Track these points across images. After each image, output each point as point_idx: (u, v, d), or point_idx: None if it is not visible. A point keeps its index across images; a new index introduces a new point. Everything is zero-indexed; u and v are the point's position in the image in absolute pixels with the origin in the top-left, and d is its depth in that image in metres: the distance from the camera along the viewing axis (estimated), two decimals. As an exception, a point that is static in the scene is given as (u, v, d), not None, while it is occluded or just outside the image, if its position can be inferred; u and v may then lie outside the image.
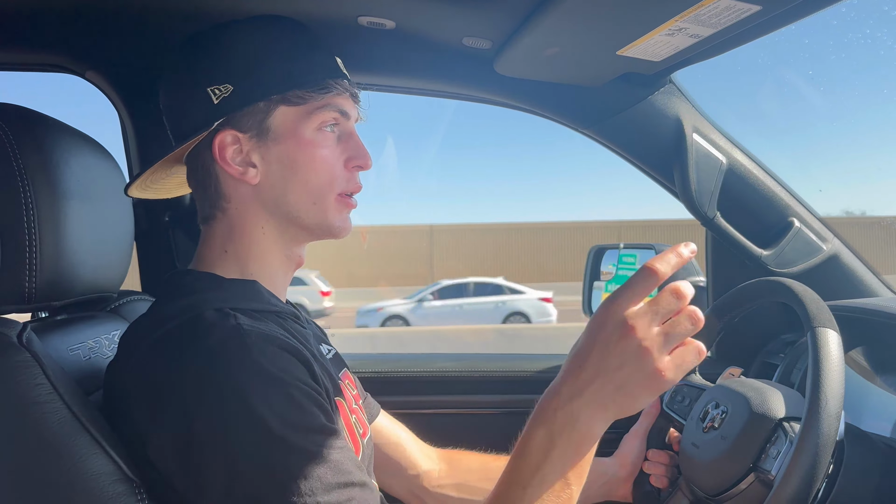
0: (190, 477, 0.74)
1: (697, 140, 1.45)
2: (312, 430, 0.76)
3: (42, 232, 0.84)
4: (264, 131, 0.92)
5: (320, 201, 0.94)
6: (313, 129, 0.93)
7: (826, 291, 1.16)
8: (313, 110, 0.92)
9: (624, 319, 0.72)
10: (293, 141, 0.92)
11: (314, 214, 0.95)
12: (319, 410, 0.78)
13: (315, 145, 0.93)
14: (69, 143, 0.94)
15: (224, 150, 0.91)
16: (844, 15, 8.26)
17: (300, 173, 0.93)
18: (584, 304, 2.01)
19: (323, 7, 1.18)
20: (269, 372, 0.76)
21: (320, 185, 0.94)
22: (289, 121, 0.92)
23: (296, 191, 0.93)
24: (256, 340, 0.78)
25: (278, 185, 0.93)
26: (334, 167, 0.95)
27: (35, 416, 0.73)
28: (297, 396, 0.77)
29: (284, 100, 0.91)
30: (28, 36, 1.28)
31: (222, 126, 0.91)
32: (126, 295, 1.16)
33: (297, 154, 0.92)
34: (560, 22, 1.10)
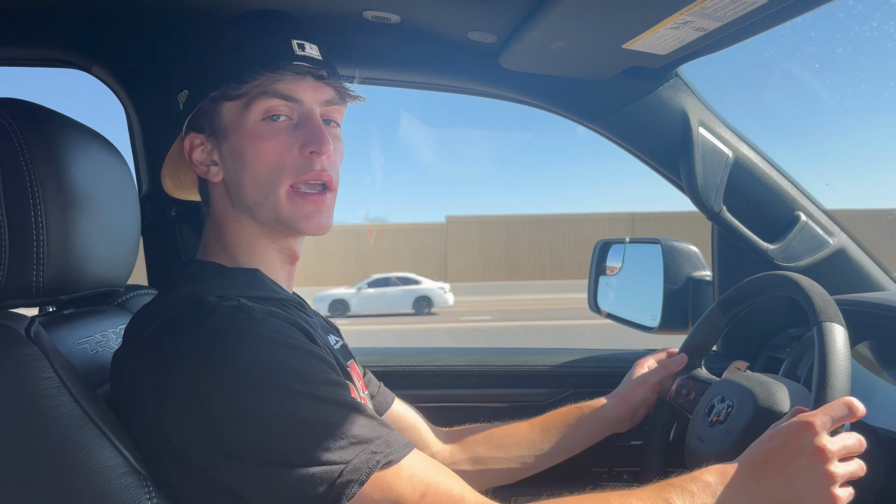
0: (213, 445, 0.74)
1: (703, 134, 1.44)
2: (328, 383, 0.78)
3: (49, 226, 0.84)
4: (216, 129, 0.94)
5: (270, 194, 0.92)
6: (256, 121, 0.92)
7: (833, 285, 1.15)
8: (250, 101, 0.92)
9: (818, 443, 0.83)
10: (237, 134, 0.93)
11: (267, 208, 0.93)
12: (330, 368, 0.81)
13: (257, 136, 0.92)
14: (76, 138, 0.94)
15: (192, 152, 0.96)
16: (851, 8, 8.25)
17: (247, 166, 0.93)
18: (590, 298, 2.00)
19: (329, 1, 1.18)
20: (278, 339, 0.79)
21: (268, 176, 0.92)
22: (233, 115, 0.93)
23: (248, 184, 0.93)
24: (261, 315, 0.80)
25: (235, 181, 0.95)
26: (283, 156, 0.92)
27: (43, 409, 0.74)
28: (309, 357, 0.80)
29: (224, 95, 0.92)
30: (34, 31, 1.28)
31: (189, 130, 0.96)
32: (133, 289, 1.17)
33: (242, 147, 0.93)
34: (565, 15, 1.09)
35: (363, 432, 0.76)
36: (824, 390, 0.91)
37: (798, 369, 1.33)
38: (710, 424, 1.08)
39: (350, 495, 0.72)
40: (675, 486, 0.84)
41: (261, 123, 0.92)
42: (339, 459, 0.73)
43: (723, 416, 1.07)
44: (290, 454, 0.73)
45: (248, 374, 0.75)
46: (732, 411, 1.06)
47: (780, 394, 1.03)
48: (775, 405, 1.01)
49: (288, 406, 0.74)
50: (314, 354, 0.81)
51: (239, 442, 0.74)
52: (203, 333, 0.77)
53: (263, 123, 0.92)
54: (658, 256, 1.75)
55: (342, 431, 0.74)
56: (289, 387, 0.75)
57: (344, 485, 0.72)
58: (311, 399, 0.75)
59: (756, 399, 1.03)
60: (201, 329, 0.78)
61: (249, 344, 0.76)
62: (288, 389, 0.75)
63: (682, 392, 1.29)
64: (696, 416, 1.15)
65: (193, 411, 0.75)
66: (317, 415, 0.75)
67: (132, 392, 0.80)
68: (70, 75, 1.20)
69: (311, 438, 0.73)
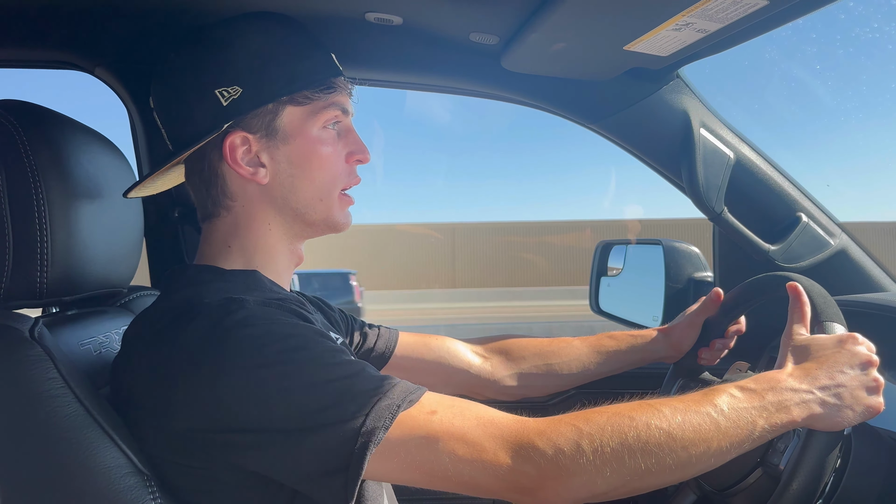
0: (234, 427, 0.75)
1: (705, 135, 1.45)
2: (333, 349, 0.80)
3: (53, 228, 0.84)
4: (273, 132, 0.93)
5: (326, 197, 0.97)
6: (319, 128, 0.96)
7: (834, 286, 1.15)
8: (319, 109, 0.95)
9: (869, 356, 0.90)
10: (301, 140, 0.94)
11: (320, 211, 0.97)
12: (328, 339, 0.82)
13: (321, 143, 0.96)
14: (80, 139, 0.94)
15: (234, 151, 0.92)
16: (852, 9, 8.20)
17: (308, 171, 0.95)
18: (591, 299, 2.01)
19: (331, 3, 1.18)
20: (273, 318, 0.80)
21: (326, 182, 0.97)
22: (296, 120, 0.94)
23: (304, 188, 0.95)
24: (254, 304, 0.81)
25: (287, 184, 0.95)
26: (337, 163, 0.97)
27: (47, 409, 0.74)
28: (305, 329, 0.81)
29: (292, 100, 0.93)
30: (37, 33, 1.28)
31: (231, 128, 0.91)
32: (136, 290, 1.17)
33: (305, 153, 0.95)
34: (567, 17, 1.09)
35: (375, 384, 0.77)
36: None
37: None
38: (712, 425, 1.08)
39: (377, 441, 0.72)
40: (720, 390, 0.85)
41: (322, 131, 0.96)
42: (358, 412, 0.73)
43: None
44: (308, 416, 0.73)
45: (248, 355, 0.75)
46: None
47: None
48: None
49: (296, 373, 0.75)
50: (310, 328, 0.82)
51: (255, 416, 0.74)
52: (199, 328, 0.78)
53: (324, 131, 0.96)
54: (659, 257, 1.76)
55: (355, 387, 0.75)
56: (293, 356, 0.76)
57: (369, 433, 0.72)
58: (317, 364, 0.76)
59: None
60: (196, 324, 0.78)
61: (246, 328, 0.77)
62: (292, 358, 0.76)
63: (685, 393, 1.29)
64: (698, 416, 1.15)
65: (203, 401, 0.75)
66: (326, 376, 0.75)
67: (135, 394, 0.80)
68: (73, 77, 1.21)
69: (327, 398, 0.74)
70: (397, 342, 1.31)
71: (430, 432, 0.74)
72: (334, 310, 1.25)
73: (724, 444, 0.80)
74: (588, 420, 0.78)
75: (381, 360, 1.28)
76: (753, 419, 0.82)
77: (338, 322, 1.22)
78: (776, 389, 0.85)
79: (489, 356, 1.35)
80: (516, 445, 0.74)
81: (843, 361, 0.88)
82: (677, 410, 0.80)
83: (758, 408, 0.83)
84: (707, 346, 1.30)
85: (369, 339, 1.28)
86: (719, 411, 0.81)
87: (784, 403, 0.84)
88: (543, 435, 0.75)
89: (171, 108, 0.95)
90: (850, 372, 0.88)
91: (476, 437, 0.75)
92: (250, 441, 0.74)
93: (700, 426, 0.79)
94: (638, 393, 0.87)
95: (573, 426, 0.76)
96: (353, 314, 1.31)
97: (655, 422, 0.78)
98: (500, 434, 0.75)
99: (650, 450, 0.76)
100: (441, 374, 1.32)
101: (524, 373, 1.33)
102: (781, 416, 0.83)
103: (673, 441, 0.77)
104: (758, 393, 0.84)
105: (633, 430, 0.77)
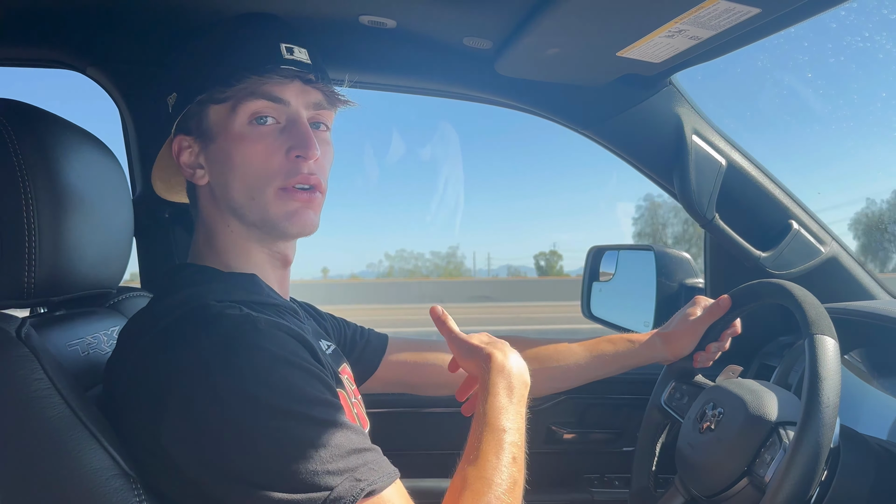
0: (208, 460, 0.74)
1: (697, 142, 1.45)
2: (323, 404, 0.78)
3: (41, 227, 0.84)
4: (204, 132, 0.94)
5: (258, 196, 0.92)
6: (243, 123, 0.92)
7: (824, 294, 1.16)
8: (237, 104, 0.91)
9: None
10: (223, 137, 0.93)
11: (255, 210, 0.93)
12: (327, 388, 0.80)
13: (244, 139, 0.92)
14: (70, 138, 0.94)
15: (180, 154, 0.96)
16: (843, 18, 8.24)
17: (234, 169, 0.92)
18: (583, 304, 2.01)
19: (324, 6, 1.18)
20: (280, 354, 0.77)
21: (255, 179, 0.92)
22: (220, 118, 0.93)
23: (235, 187, 0.93)
24: (266, 327, 0.79)
25: (220, 183, 0.94)
26: (270, 159, 0.91)
27: (33, 410, 0.73)
28: (308, 376, 0.78)
29: (211, 98, 0.92)
30: (29, 32, 1.28)
31: (177, 132, 0.96)
32: (125, 291, 1.16)
33: (229, 150, 0.92)
34: (560, 23, 1.10)
35: (351, 457, 0.75)
36: (813, 405, 0.90)
37: (789, 377, 1.34)
38: (701, 431, 1.09)
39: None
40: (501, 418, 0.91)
41: (247, 126, 0.92)
42: (324, 485, 0.72)
43: (713, 423, 1.07)
44: (276, 477, 0.72)
45: (247, 390, 0.74)
46: (723, 419, 1.06)
47: (770, 403, 1.03)
48: (765, 414, 1.01)
49: (281, 426, 0.73)
50: (313, 373, 0.80)
51: (229, 459, 0.73)
52: (205, 344, 0.76)
53: (250, 126, 0.92)
54: (651, 263, 1.76)
55: (330, 455, 0.74)
56: (285, 406, 0.74)
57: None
58: (305, 420, 0.75)
59: (747, 407, 1.03)
60: (204, 339, 0.76)
61: (252, 358, 0.75)
62: (283, 409, 0.74)
63: (676, 396, 1.29)
64: (688, 421, 1.15)
65: (190, 424, 0.74)
66: (307, 436, 0.74)
67: (128, 398, 0.79)
68: (64, 76, 1.20)
69: (299, 461, 0.72)
70: (387, 346, 1.30)
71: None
72: (325, 317, 1.25)
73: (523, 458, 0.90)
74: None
75: (372, 364, 1.28)
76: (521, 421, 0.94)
77: (328, 329, 1.22)
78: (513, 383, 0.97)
79: None
80: None
81: None
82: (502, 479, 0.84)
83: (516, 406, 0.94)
84: (702, 349, 1.30)
85: (359, 343, 1.27)
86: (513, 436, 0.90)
87: None
88: None
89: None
90: None
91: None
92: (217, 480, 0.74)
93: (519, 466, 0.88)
94: (625, 398, 0.88)
95: None
96: (343, 319, 1.31)
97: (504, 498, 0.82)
98: None
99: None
100: (434, 377, 1.32)
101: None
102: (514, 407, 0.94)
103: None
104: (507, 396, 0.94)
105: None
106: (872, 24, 16.23)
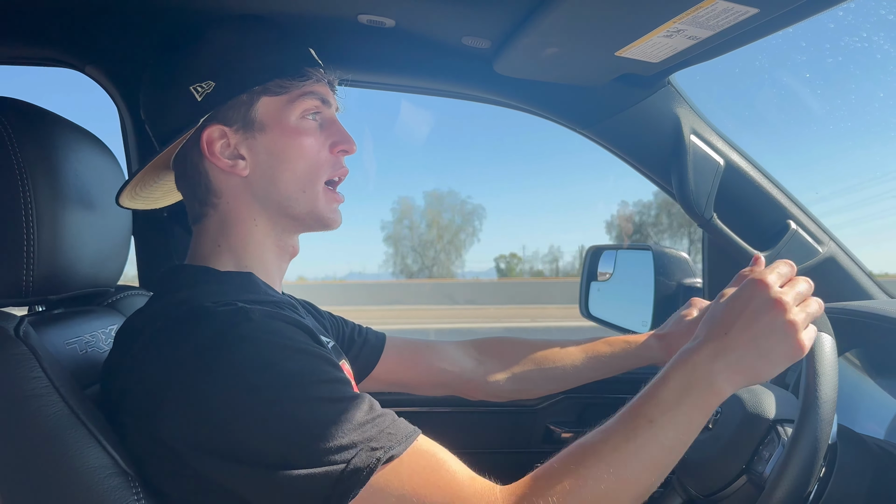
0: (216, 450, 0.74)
1: (695, 142, 1.45)
2: (329, 381, 0.78)
3: (39, 226, 0.84)
4: (249, 123, 0.94)
5: (309, 188, 0.96)
6: (297, 118, 0.95)
7: (822, 294, 1.16)
8: (295, 98, 0.95)
9: (774, 296, 0.83)
10: (278, 130, 0.94)
11: (304, 203, 0.96)
12: (331, 366, 0.80)
13: (299, 133, 0.95)
14: (68, 137, 0.94)
15: (212, 144, 0.93)
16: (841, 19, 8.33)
17: (287, 161, 0.95)
18: (581, 304, 2.01)
19: (323, 5, 1.18)
20: (276, 340, 0.78)
21: (307, 172, 0.96)
22: (272, 110, 0.94)
23: (284, 179, 0.95)
24: (260, 317, 0.79)
25: (267, 175, 0.95)
26: (319, 153, 0.97)
27: (31, 409, 0.73)
28: (308, 357, 0.79)
29: (266, 90, 0.94)
30: (28, 30, 1.28)
31: (208, 122, 0.93)
32: (123, 290, 1.16)
33: (283, 142, 0.94)
34: (559, 22, 1.10)
35: (364, 428, 0.75)
36: (811, 402, 0.91)
37: (787, 376, 1.34)
38: (699, 430, 1.09)
39: (352, 496, 0.72)
40: (646, 399, 0.81)
41: (300, 120, 0.96)
42: (339, 459, 0.72)
43: (711, 421, 1.07)
44: (290, 455, 0.72)
45: (247, 377, 0.74)
46: (721, 417, 1.06)
47: (768, 401, 1.03)
48: (763, 412, 1.02)
49: (287, 408, 0.74)
50: (314, 354, 0.80)
51: (238, 444, 0.73)
52: (201, 337, 0.76)
53: (303, 120, 0.96)
54: (649, 263, 1.76)
55: (342, 430, 0.74)
56: (288, 390, 0.75)
57: (345, 486, 0.72)
58: (311, 401, 0.75)
59: (745, 405, 1.03)
60: (199, 333, 0.77)
61: (248, 346, 0.76)
62: (287, 392, 0.74)
63: None
64: (685, 421, 1.15)
65: (192, 415, 0.74)
66: (316, 415, 0.74)
67: (126, 397, 0.79)
68: (64, 74, 1.20)
69: (311, 439, 0.73)
70: (385, 345, 1.30)
71: (406, 494, 0.73)
72: (323, 314, 1.25)
73: (671, 453, 0.80)
74: (552, 489, 0.76)
75: (369, 363, 1.28)
76: (688, 415, 0.80)
77: (327, 326, 1.22)
78: (699, 379, 0.81)
79: (483, 359, 1.35)
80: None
81: (749, 313, 0.83)
82: (618, 449, 0.78)
83: (689, 405, 0.80)
84: None
85: (357, 342, 1.28)
86: (656, 424, 0.79)
87: (711, 388, 0.80)
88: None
89: (153, 108, 0.97)
90: (758, 321, 0.82)
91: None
92: (229, 467, 0.74)
93: (646, 454, 0.78)
94: (624, 397, 0.87)
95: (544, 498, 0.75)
96: (341, 317, 1.31)
97: (605, 474, 0.76)
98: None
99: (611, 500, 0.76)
100: (432, 377, 1.32)
101: (517, 376, 1.34)
102: (709, 397, 0.80)
103: (628, 483, 0.77)
104: (685, 390, 0.80)
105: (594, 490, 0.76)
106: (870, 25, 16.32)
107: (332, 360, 0.82)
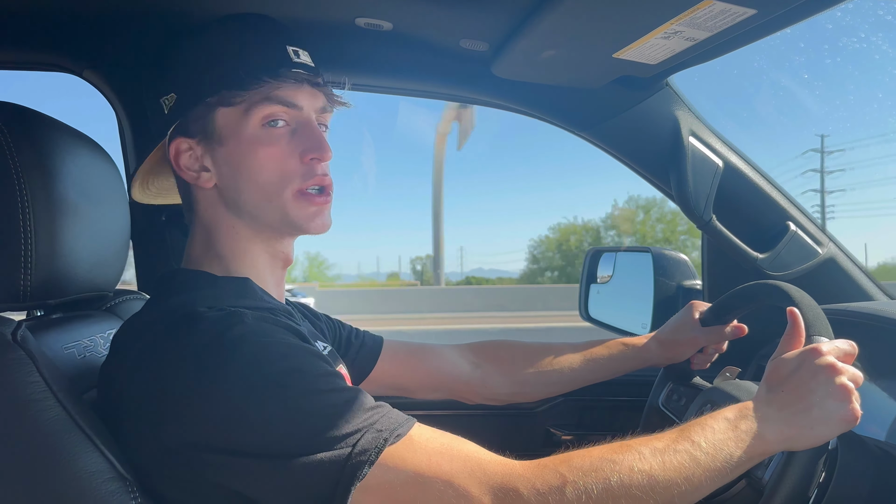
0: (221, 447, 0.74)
1: (694, 143, 1.45)
2: (325, 375, 0.79)
3: (37, 230, 0.84)
4: (209, 135, 0.93)
5: (275, 198, 0.93)
6: (256, 127, 0.92)
7: (822, 295, 1.16)
8: (250, 107, 0.91)
9: (831, 360, 0.88)
10: (234, 141, 0.92)
11: (273, 212, 0.93)
12: (324, 362, 0.81)
13: (258, 143, 0.92)
14: (66, 141, 0.94)
15: (179, 157, 0.94)
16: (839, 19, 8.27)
17: (248, 172, 0.92)
18: (581, 306, 2.01)
19: (320, 8, 1.18)
20: (269, 340, 0.79)
21: (271, 183, 0.92)
22: (230, 122, 0.92)
23: (248, 190, 0.93)
24: (253, 320, 0.80)
25: (231, 187, 0.94)
26: (285, 163, 0.92)
27: (29, 413, 0.73)
28: (302, 352, 0.80)
29: (221, 101, 0.91)
30: (26, 35, 1.28)
31: (175, 134, 0.94)
32: (122, 294, 1.16)
33: (241, 154, 0.92)
34: (557, 25, 1.10)
35: (365, 414, 0.76)
36: None
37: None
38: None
39: (361, 476, 0.72)
40: (696, 424, 0.85)
41: (260, 130, 0.92)
42: (345, 443, 0.73)
43: None
44: (294, 445, 0.73)
45: (247, 375, 0.74)
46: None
47: None
48: None
49: (287, 401, 0.74)
50: (309, 351, 0.81)
51: (241, 439, 0.73)
52: (197, 341, 0.77)
53: (263, 129, 0.92)
54: (648, 265, 1.76)
55: (344, 417, 0.74)
56: (285, 383, 0.75)
57: (354, 466, 0.72)
58: (312, 392, 0.76)
59: None
60: (195, 337, 0.77)
61: (245, 347, 0.76)
62: (284, 385, 0.75)
63: (674, 398, 1.29)
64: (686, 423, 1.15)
65: (194, 416, 0.74)
66: (316, 405, 0.75)
67: (123, 402, 0.79)
68: (61, 79, 1.20)
69: (314, 428, 0.73)
70: (382, 348, 1.30)
71: (416, 472, 0.74)
72: (320, 318, 1.25)
73: (704, 479, 0.81)
74: (572, 466, 0.77)
75: (367, 366, 1.28)
76: (731, 451, 0.82)
77: (324, 330, 1.22)
78: (749, 418, 0.85)
79: (481, 363, 1.35)
80: (501, 492, 0.74)
81: (808, 378, 0.87)
82: (657, 451, 0.80)
83: (734, 438, 0.83)
84: (699, 351, 1.30)
85: (354, 345, 1.27)
86: (697, 447, 0.81)
87: (758, 431, 0.84)
88: (528, 482, 0.75)
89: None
90: (816, 387, 0.86)
91: (462, 481, 0.74)
92: (234, 462, 0.74)
93: (680, 465, 0.80)
94: (624, 399, 0.87)
95: (557, 473, 0.76)
96: (338, 321, 1.31)
97: (638, 465, 0.78)
98: (487, 480, 0.75)
99: (633, 494, 0.77)
100: (430, 380, 1.32)
101: (515, 379, 1.34)
102: (757, 445, 0.84)
103: (655, 483, 0.78)
104: (732, 423, 0.85)
105: (617, 475, 0.77)
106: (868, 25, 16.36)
107: (326, 358, 0.82)
